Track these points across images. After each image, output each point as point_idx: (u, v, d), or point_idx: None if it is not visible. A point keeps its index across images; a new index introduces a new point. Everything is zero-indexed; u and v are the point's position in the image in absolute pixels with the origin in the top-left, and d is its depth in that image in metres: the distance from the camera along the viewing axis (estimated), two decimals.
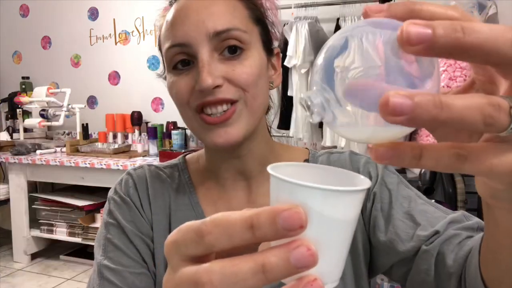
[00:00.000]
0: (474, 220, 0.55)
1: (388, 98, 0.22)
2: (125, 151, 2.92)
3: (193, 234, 0.26)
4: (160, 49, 0.64)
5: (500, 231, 0.34)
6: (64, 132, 3.41)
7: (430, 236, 0.54)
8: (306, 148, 0.71)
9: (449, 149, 0.23)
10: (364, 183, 0.30)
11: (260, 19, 0.62)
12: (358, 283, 0.61)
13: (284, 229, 0.24)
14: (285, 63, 2.39)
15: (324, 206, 0.26)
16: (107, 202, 0.66)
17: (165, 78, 0.67)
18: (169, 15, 0.59)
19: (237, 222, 0.25)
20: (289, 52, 2.39)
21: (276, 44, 0.66)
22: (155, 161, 2.60)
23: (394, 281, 0.61)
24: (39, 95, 2.94)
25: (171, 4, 0.61)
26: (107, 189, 0.70)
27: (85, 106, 3.20)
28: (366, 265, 0.63)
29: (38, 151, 2.89)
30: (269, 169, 0.29)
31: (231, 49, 0.56)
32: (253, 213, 0.25)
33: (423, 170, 1.81)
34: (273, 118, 0.73)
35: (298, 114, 2.48)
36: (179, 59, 0.57)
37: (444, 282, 0.51)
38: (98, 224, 2.85)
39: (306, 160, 0.68)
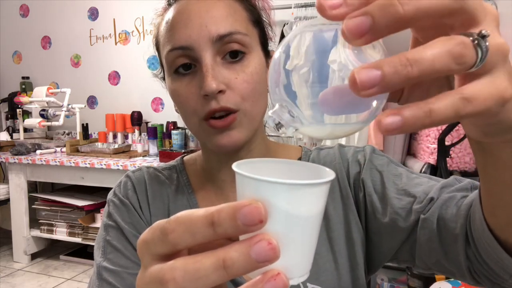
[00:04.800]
0: (466, 181, 0.55)
1: (354, 76, 0.22)
2: (125, 151, 2.92)
3: (159, 233, 0.27)
4: (157, 49, 0.64)
5: (502, 169, 0.34)
6: (64, 132, 3.41)
7: (426, 205, 0.53)
8: (300, 146, 0.72)
9: (453, 97, 0.24)
10: (328, 175, 0.30)
11: (258, 21, 0.62)
12: (354, 273, 0.61)
13: (244, 225, 0.25)
14: (287, 67, 2.38)
15: (286, 200, 0.27)
16: (106, 205, 0.67)
17: (162, 79, 0.67)
18: (169, 16, 0.59)
19: (198, 219, 0.25)
20: (291, 52, 2.38)
21: (271, 44, 0.66)
22: (155, 161, 2.60)
23: (403, 263, 0.61)
24: (39, 95, 2.94)
25: (169, 4, 0.61)
26: (107, 189, 0.70)
27: (85, 106, 3.19)
28: (363, 255, 0.63)
29: (38, 151, 2.89)
30: (234, 166, 0.30)
31: (233, 54, 0.56)
32: (214, 210, 0.25)
33: (423, 170, 1.80)
34: None
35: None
36: (181, 62, 0.57)
37: (451, 245, 0.50)
38: (98, 224, 2.85)
39: (300, 158, 0.69)
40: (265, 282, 0.25)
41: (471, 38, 0.24)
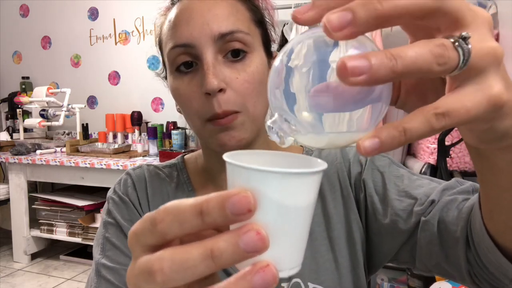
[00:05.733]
0: (468, 183, 0.55)
1: (345, 62, 0.23)
2: (125, 151, 2.92)
3: (148, 224, 0.27)
4: (160, 48, 0.64)
5: (499, 174, 0.34)
6: (64, 132, 3.41)
7: (427, 207, 0.53)
8: (301, 146, 0.72)
9: (426, 114, 0.24)
10: (319, 165, 0.30)
11: (261, 21, 0.62)
12: (355, 272, 0.61)
13: (233, 214, 0.24)
14: (288, 64, 2.38)
15: (277, 190, 0.26)
16: (106, 202, 0.67)
17: (164, 78, 0.67)
18: (172, 15, 0.59)
19: (187, 209, 0.25)
20: (293, 55, 2.38)
21: (273, 45, 0.66)
22: (155, 161, 2.60)
23: (403, 264, 0.60)
24: (39, 95, 2.94)
25: (173, 4, 0.62)
26: (107, 189, 0.70)
27: (85, 106, 3.19)
28: (364, 254, 0.63)
29: (38, 151, 2.89)
30: (225, 156, 0.29)
31: (235, 53, 0.56)
32: (203, 199, 0.25)
33: (423, 170, 1.80)
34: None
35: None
36: (183, 60, 0.57)
37: (452, 248, 0.50)
38: (98, 224, 2.85)
39: None
40: (254, 273, 0.25)
41: (451, 40, 0.24)
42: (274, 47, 0.66)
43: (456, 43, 0.24)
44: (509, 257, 0.42)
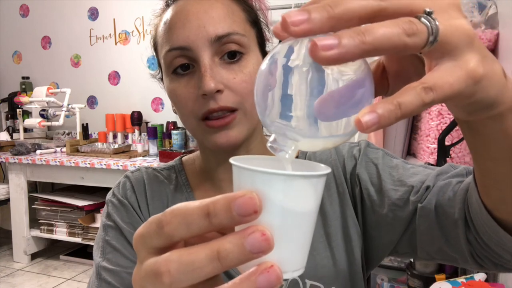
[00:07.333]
0: (461, 167, 0.55)
1: (315, 42, 0.24)
2: (125, 151, 2.92)
3: (154, 226, 0.27)
4: (155, 50, 0.64)
5: (491, 146, 0.35)
6: (64, 132, 3.40)
7: (423, 194, 0.54)
8: None
9: (415, 88, 0.25)
10: (322, 169, 0.30)
11: (256, 22, 0.63)
12: (352, 268, 0.61)
13: (239, 215, 0.25)
14: (288, 64, 2.38)
15: (282, 192, 0.27)
16: (105, 205, 0.67)
17: (160, 79, 0.67)
18: (167, 17, 0.59)
19: (194, 211, 0.26)
20: (293, 56, 2.38)
21: (268, 45, 0.66)
22: (155, 161, 2.60)
23: (404, 255, 0.60)
24: (39, 95, 2.94)
25: (167, 5, 0.61)
26: (107, 189, 0.70)
27: (85, 106, 3.20)
28: (361, 250, 0.63)
29: (38, 151, 2.89)
30: (231, 160, 0.30)
31: (231, 54, 0.57)
32: (210, 201, 0.25)
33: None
34: None
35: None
36: (179, 63, 0.57)
37: (451, 231, 0.50)
38: (98, 224, 2.85)
39: (297, 156, 0.69)
40: (258, 274, 0.25)
41: (416, 16, 0.25)
42: (269, 46, 0.66)
43: (422, 18, 0.25)
44: (508, 231, 0.42)
